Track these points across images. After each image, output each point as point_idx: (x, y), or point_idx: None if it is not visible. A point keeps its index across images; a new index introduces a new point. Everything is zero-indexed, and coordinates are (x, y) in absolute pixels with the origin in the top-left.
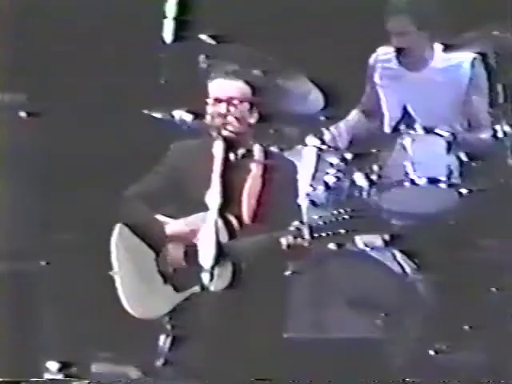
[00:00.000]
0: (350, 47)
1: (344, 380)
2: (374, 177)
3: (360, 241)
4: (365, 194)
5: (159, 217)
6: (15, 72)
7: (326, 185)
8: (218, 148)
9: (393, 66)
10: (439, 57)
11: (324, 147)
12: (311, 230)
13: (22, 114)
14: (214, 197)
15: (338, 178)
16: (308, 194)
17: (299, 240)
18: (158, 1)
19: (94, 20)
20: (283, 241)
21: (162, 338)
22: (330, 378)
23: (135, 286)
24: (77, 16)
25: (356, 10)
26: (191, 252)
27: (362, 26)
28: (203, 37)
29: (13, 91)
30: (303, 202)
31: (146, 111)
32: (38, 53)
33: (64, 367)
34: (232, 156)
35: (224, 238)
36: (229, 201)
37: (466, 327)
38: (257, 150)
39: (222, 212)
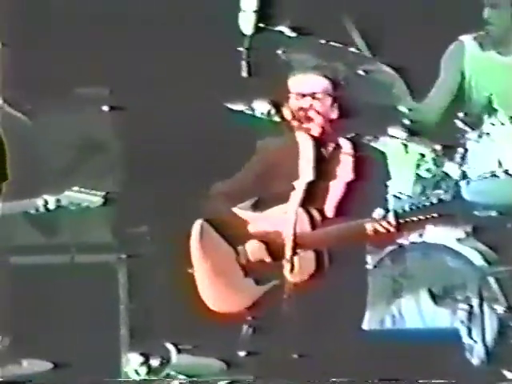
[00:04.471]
0: (435, 36)
1: (422, 370)
2: (464, 168)
3: (441, 232)
4: (452, 184)
5: (240, 212)
6: (98, 67)
7: (417, 175)
8: (305, 142)
9: (481, 53)
10: None
11: (409, 138)
12: (397, 215)
13: (105, 107)
14: (297, 189)
15: (428, 169)
16: (396, 185)
17: (385, 224)
18: None
19: (172, 13)
20: (369, 227)
21: (244, 328)
22: (410, 367)
23: (215, 281)
24: (154, 11)
25: None
26: (273, 244)
27: (444, 14)
28: (283, 29)
29: (95, 85)
30: (391, 191)
31: (226, 104)
32: (119, 48)
33: (145, 359)
34: (317, 150)
35: (306, 228)
36: (312, 194)
37: None
38: (343, 143)
39: (305, 205)
